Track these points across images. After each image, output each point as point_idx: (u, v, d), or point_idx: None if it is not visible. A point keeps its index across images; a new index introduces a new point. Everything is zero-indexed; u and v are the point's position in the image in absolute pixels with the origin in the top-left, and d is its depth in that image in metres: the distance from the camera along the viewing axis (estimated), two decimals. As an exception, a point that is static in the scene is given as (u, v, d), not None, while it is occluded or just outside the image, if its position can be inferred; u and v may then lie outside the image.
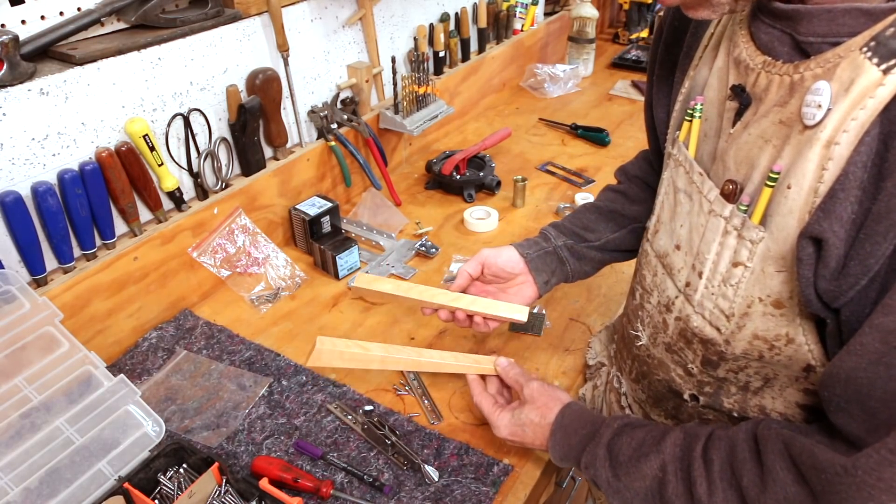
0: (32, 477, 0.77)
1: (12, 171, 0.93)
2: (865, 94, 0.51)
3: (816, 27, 0.55)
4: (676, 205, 0.74)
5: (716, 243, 0.66)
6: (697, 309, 0.70)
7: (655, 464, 0.67)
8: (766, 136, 0.60)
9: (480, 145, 1.54)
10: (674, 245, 0.74)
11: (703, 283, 0.68)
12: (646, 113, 0.90)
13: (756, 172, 0.62)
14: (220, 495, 0.79)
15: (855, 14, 0.53)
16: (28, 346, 0.85)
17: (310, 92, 1.37)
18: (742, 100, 0.64)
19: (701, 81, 0.72)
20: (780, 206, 0.58)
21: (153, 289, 1.11)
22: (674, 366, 0.77)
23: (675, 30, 0.78)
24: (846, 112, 0.52)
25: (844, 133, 0.52)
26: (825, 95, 0.53)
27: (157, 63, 1.06)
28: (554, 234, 0.99)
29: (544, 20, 2.16)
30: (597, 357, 1.02)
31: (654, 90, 0.83)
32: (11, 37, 0.87)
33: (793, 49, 0.58)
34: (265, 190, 1.27)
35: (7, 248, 0.95)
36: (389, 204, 1.43)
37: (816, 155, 0.54)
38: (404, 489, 0.85)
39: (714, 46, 0.70)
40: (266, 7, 1.19)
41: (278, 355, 1.07)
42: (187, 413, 0.96)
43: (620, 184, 1.03)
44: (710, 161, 0.70)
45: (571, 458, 0.77)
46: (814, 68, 0.55)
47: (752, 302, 0.64)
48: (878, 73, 0.50)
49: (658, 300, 0.78)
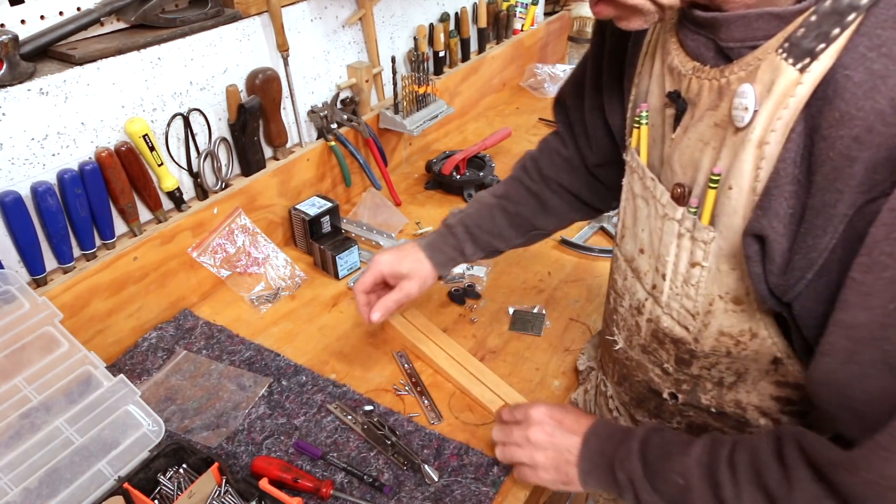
0: (32, 477, 0.77)
1: (12, 171, 0.93)
2: (787, 94, 0.52)
3: (734, 32, 0.57)
4: (636, 210, 0.75)
5: (673, 245, 0.68)
6: (665, 310, 0.72)
7: (680, 468, 0.67)
8: (705, 138, 0.62)
9: (480, 145, 1.54)
10: (638, 249, 0.76)
11: (668, 284, 0.70)
12: (590, 115, 0.90)
13: (700, 174, 0.63)
14: (219, 495, 0.79)
15: (767, 18, 0.54)
16: (28, 346, 0.85)
17: (310, 92, 1.37)
18: (678, 105, 0.65)
19: (644, 89, 0.73)
20: (724, 206, 0.60)
21: (153, 289, 1.11)
22: (651, 366, 0.79)
23: (619, 38, 0.78)
24: (771, 112, 0.54)
25: (773, 132, 0.54)
26: (750, 98, 0.55)
27: (156, 63, 1.06)
28: (470, 251, 0.99)
29: (544, 20, 2.16)
30: (587, 362, 1.02)
31: (606, 98, 0.84)
32: (11, 36, 0.87)
33: (717, 54, 0.60)
34: (265, 190, 1.27)
35: (7, 248, 0.95)
36: (389, 204, 1.43)
37: (750, 155, 0.56)
38: (404, 489, 0.85)
39: (651, 54, 0.72)
40: (266, 7, 1.19)
41: (278, 355, 1.06)
42: (187, 413, 0.96)
43: (534, 181, 0.99)
44: (660, 166, 0.71)
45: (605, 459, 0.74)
46: (737, 72, 0.57)
47: (713, 300, 0.65)
48: (794, 72, 0.52)
49: (630, 303, 0.79)
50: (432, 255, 0.98)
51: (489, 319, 1.14)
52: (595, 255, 1.29)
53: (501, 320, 1.14)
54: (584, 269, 1.26)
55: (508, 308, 1.16)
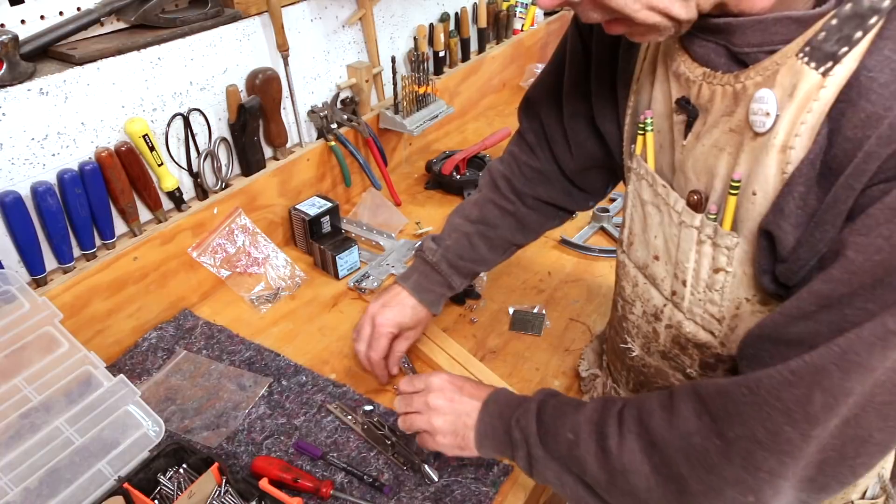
0: (32, 477, 0.77)
1: (12, 171, 0.93)
2: (809, 98, 0.52)
3: (750, 38, 0.57)
4: (646, 217, 0.75)
5: (693, 252, 0.67)
6: (688, 315, 0.71)
7: (572, 423, 0.68)
8: (720, 144, 0.62)
9: (480, 145, 1.54)
10: (652, 256, 0.75)
11: (689, 290, 0.69)
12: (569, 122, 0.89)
13: (717, 181, 0.63)
14: (219, 495, 0.79)
15: (786, 22, 0.54)
16: (28, 346, 0.85)
17: (310, 92, 1.37)
18: (689, 112, 0.65)
19: (646, 95, 0.72)
20: (749, 211, 0.60)
21: (153, 289, 1.11)
22: (672, 371, 0.78)
23: (608, 46, 0.78)
24: (795, 116, 0.54)
25: (797, 137, 0.54)
26: (771, 103, 0.55)
27: (156, 63, 1.06)
28: (458, 283, 0.99)
29: (544, 20, 2.16)
30: (589, 368, 1.01)
31: (596, 106, 0.83)
32: (11, 36, 0.87)
33: (729, 59, 0.60)
34: (265, 190, 1.27)
35: (7, 248, 0.95)
36: (389, 204, 1.43)
37: (774, 161, 0.56)
38: (404, 489, 0.85)
39: (651, 61, 0.71)
40: (266, 7, 1.19)
41: (278, 355, 1.06)
42: (187, 413, 0.96)
43: (509, 200, 0.98)
44: (671, 172, 0.70)
45: (502, 422, 0.75)
46: (754, 77, 0.57)
47: (741, 303, 0.65)
48: (817, 76, 0.52)
49: (643, 310, 0.78)
50: (422, 297, 0.98)
51: (489, 319, 1.14)
52: (595, 255, 1.29)
53: (501, 320, 1.14)
54: (584, 269, 1.26)
55: (508, 308, 1.16)
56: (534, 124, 0.96)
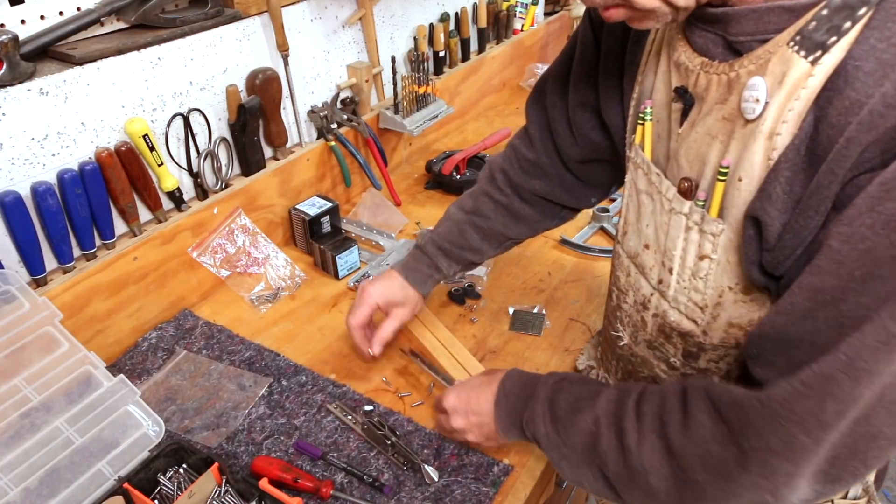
0: (32, 477, 0.77)
1: (12, 171, 0.93)
2: (798, 86, 0.54)
3: (744, 27, 0.58)
4: (640, 206, 0.76)
5: (680, 239, 0.68)
6: (672, 304, 0.73)
7: (590, 418, 0.70)
8: (713, 132, 0.63)
9: (480, 145, 1.54)
10: (642, 245, 0.76)
11: (675, 278, 0.71)
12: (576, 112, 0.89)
13: (707, 168, 0.64)
14: (219, 495, 0.79)
15: (778, 12, 0.55)
16: (28, 346, 0.85)
17: (310, 92, 1.37)
18: (686, 100, 0.66)
19: (648, 86, 0.74)
20: (734, 198, 0.61)
21: (153, 289, 1.11)
22: (656, 361, 0.79)
23: (618, 39, 0.79)
24: (783, 104, 0.55)
25: (784, 124, 0.55)
26: (761, 90, 0.56)
27: (156, 63, 1.06)
28: (445, 265, 1.02)
29: (544, 20, 2.16)
30: (586, 361, 1.02)
31: (603, 97, 0.84)
32: (11, 36, 0.87)
33: (726, 49, 0.61)
34: (265, 190, 1.27)
35: (7, 248, 0.95)
36: (389, 204, 1.43)
37: (761, 147, 0.57)
38: (404, 489, 0.85)
39: (656, 52, 0.72)
40: (266, 7, 1.19)
41: (278, 355, 1.06)
42: (187, 413, 0.96)
43: (504, 193, 1.00)
44: (665, 161, 0.72)
45: (515, 420, 0.80)
46: (747, 65, 0.58)
47: (723, 291, 0.66)
48: (806, 64, 0.53)
49: (634, 299, 0.80)
50: (408, 275, 1.00)
51: (489, 319, 1.14)
52: (595, 255, 1.29)
53: (501, 320, 1.14)
54: (584, 269, 1.26)
55: (508, 308, 1.16)
56: (540, 117, 0.96)
